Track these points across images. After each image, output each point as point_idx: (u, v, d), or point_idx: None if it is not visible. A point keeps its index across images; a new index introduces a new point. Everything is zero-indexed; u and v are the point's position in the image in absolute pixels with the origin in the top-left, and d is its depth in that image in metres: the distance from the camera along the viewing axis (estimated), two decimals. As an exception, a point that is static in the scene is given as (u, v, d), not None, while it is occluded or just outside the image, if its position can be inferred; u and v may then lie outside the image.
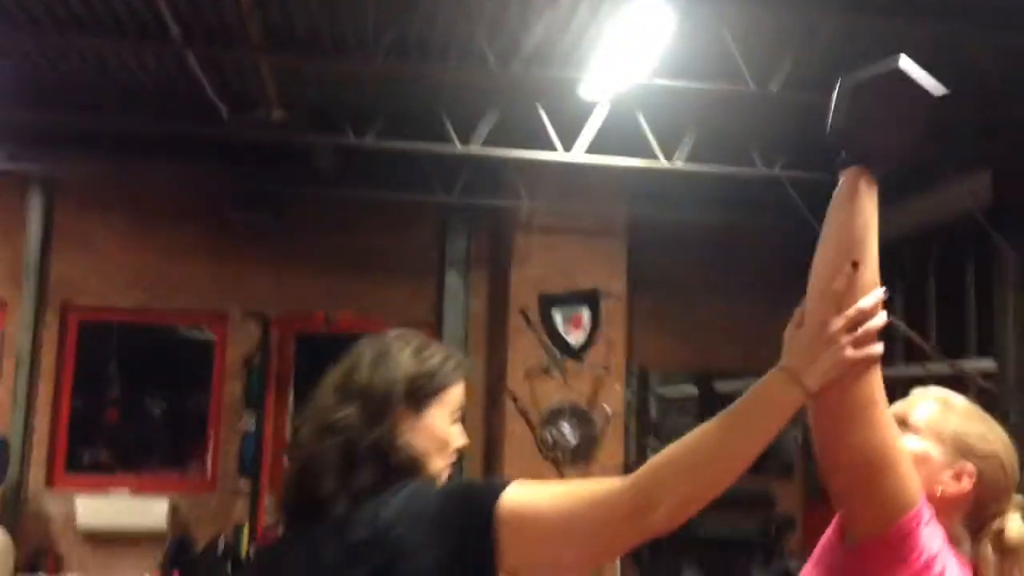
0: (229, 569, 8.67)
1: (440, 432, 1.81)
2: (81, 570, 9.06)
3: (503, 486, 1.62)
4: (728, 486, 1.55)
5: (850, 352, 1.51)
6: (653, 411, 10.21)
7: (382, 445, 1.73)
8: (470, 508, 1.62)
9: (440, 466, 1.80)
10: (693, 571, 9.04)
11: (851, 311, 1.53)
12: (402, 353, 1.86)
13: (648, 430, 9.97)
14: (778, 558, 8.60)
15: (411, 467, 1.73)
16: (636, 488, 1.52)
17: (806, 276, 1.66)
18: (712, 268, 9.86)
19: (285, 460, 2.40)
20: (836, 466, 1.60)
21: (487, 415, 9.60)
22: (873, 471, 1.55)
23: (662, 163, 7.83)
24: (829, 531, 1.79)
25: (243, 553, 8.67)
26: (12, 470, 8.96)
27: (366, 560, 1.60)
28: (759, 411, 1.56)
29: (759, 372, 1.67)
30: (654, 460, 1.55)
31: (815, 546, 1.79)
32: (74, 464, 9.63)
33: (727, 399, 1.73)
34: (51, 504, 9.29)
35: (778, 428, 1.54)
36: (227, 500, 9.51)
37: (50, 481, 9.42)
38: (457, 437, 1.87)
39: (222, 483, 9.58)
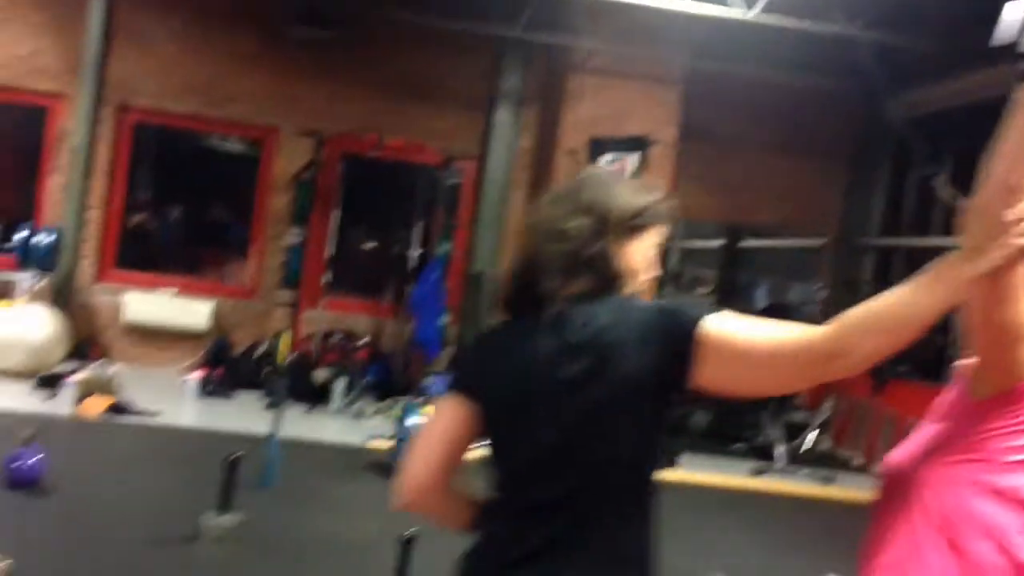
0: (265, 371, 9.05)
1: (646, 258, 1.99)
2: (124, 360, 9.49)
3: (711, 310, 1.82)
4: (905, 344, 1.76)
5: (1019, 242, 1.66)
6: (674, 261, 10.34)
7: (602, 256, 1.89)
8: (678, 324, 1.81)
9: (643, 287, 1.99)
10: (703, 416, 9.34)
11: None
12: (625, 185, 2.05)
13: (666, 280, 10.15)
14: (788, 409, 8.85)
15: (621, 282, 1.91)
16: (835, 335, 1.72)
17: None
18: (763, 127, 9.83)
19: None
20: (981, 334, 1.82)
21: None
22: (1009, 341, 1.77)
23: (735, 13, 7.71)
24: (950, 391, 2.01)
25: (279, 358, 9.04)
26: (64, 261, 9.29)
27: (581, 357, 1.80)
28: (937, 284, 1.72)
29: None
30: (853, 312, 1.74)
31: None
32: (123, 260, 9.97)
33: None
34: (100, 296, 9.68)
35: (952, 301, 1.72)
36: (266, 308, 9.87)
37: (100, 275, 9.78)
38: (656, 267, 2.05)
39: (263, 292, 9.92)
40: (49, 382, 7.77)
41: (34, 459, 5.00)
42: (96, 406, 7.10)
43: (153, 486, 5.55)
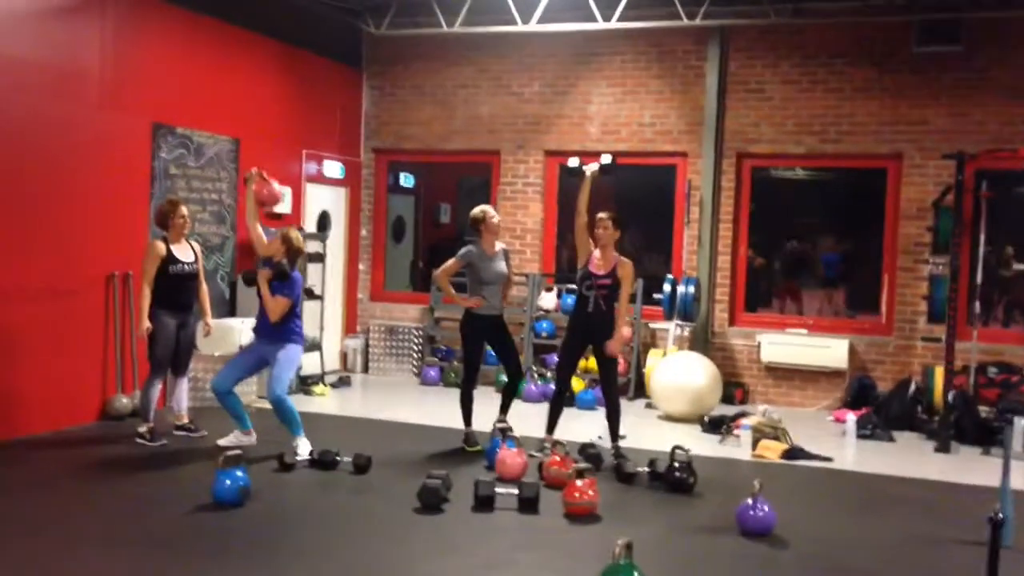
0: (920, 412, 8.61)
1: None
2: (764, 400, 9.69)
3: None
4: None
5: None
6: None
7: None
8: None
9: None
10: None
11: None
12: None
13: None
14: None
15: None
16: None
17: None
18: None
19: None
20: None
21: None
22: None
23: None
24: None
25: (935, 396, 8.55)
26: (702, 308, 9.80)
27: None
28: None
29: None
30: None
31: None
32: (751, 303, 10.26)
33: None
34: (735, 339, 10.03)
35: None
36: (905, 343, 9.44)
37: (733, 319, 10.15)
38: None
39: (899, 326, 9.51)
40: (715, 425, 8.14)
41: (766, 507, 5.15)
42: (772, 450, 7.24)
43: (879, 535, 5.42)
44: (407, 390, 10.00)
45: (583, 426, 7.94)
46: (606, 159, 7.05)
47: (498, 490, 5.56)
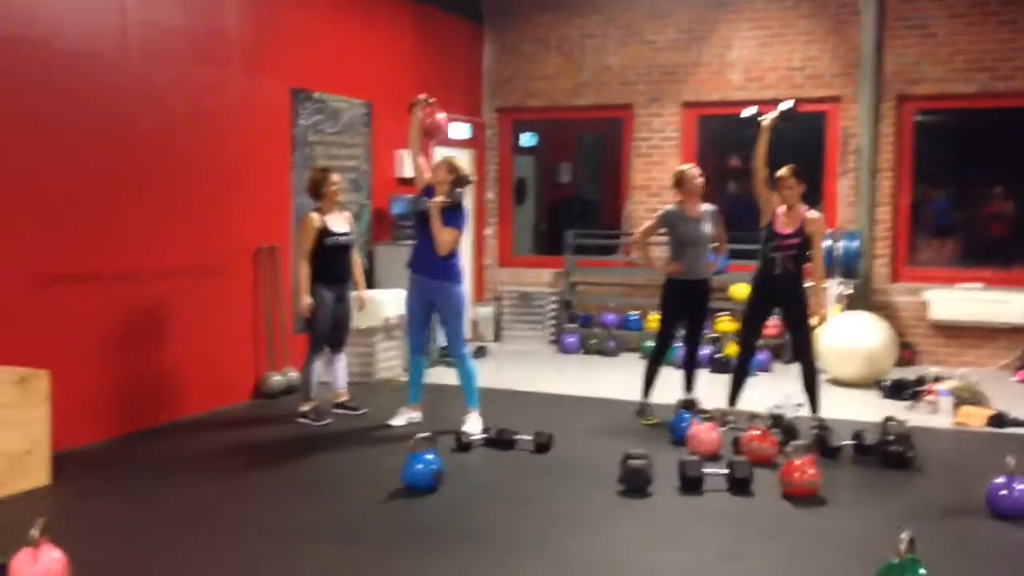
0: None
1: None
2: (934, 360, 9.04)
3: None
4: None
5: None
6: None
7: None
8: None
9: None
10: None
11: None
12: None
13: None
14: None
15: None
16: None
17: None
18: None
19: None
20: None
21: None
22: None
23: None
24: None
25: None
26: (863, 264, 9.14)
27: None
28: None
29: None
30: None
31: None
32: (915, 258, 9.56)
33: None
34: (899, 296, 9.36)
35: None
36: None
37: (896, 274, 9.46)
38: None
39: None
40: (896, 390, 7.55)
41: (1022, 486, 4.59)
42: (976, 417, 6.63)
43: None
44: (546, 359, 9.57)
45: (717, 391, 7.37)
46: (787, 104, 6.46)
47: (706, 470, 5.10)
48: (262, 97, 7.42)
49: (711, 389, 7.05)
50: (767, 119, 6.38)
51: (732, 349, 8.88)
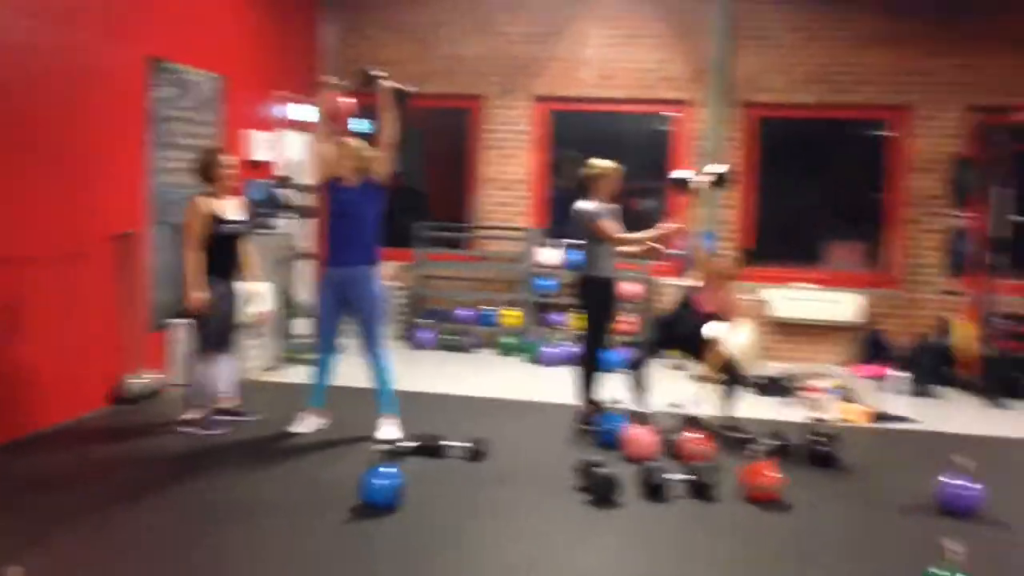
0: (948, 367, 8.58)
1: None
2: (776, 356, 9.47)
3: None
4: None
5: None
6: None
7: None
8: None
9: None
10: None
11: None
12: None
13: None
14: None
15: None
16: None
17: None
18: None
19: None
20: None
21: None
22: None
23: None
24: None
25: (967, 351, 8.53)
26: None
27: None
28: None
29: None
30: None
31: None
32: (759, 257, 9.96)
33: None
34: (739, 295, 9.71)
35: None
36: (915, 296, 9.41)
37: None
38: None
39: (910, 279, 9.46)
40: (771, 388, 7.80)
41: (971, 483, 4.82)
42: (859, 414, 6.97)
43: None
44: (402, 356, 9.11)
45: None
46: (721, 168, 6.50)
47: (669, 476, 4.99)
48: (115, 65, 6.53)
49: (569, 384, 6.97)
50: (698, 182, 6.41)
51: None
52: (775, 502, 4.89)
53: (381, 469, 4.57)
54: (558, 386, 7.30)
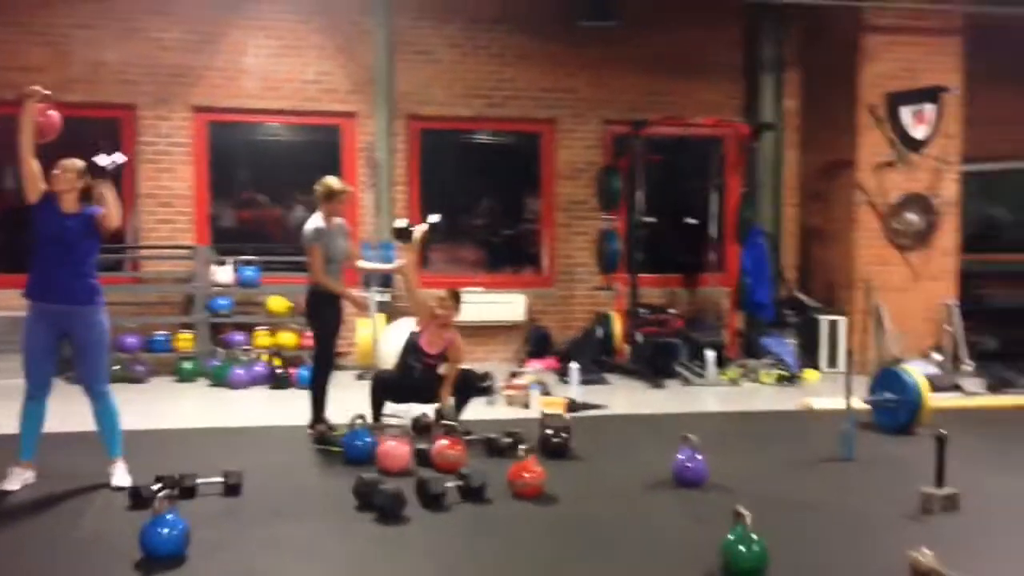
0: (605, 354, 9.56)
1: None
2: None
3: None
4: None
5: None
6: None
7: None
8: None
9: None
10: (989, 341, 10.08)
11: None
12: None
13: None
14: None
15: None
16: None
17: None
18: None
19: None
20: None
21: (807, 204, 10.52)
22: None
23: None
24: None
25: (618, 339, 9.56)
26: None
27: None
28: None
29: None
30: None
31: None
32: (430, 265, 10.35)
33: None
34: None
35: None
36: (567, 293, 10.35)
37: (411, 281, 10.13)
38: None
39: (561, 278, 10.38)
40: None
41: (698, 457, 5.51)
42: (555, 404, 7.55)
43: (746, 464, 6.04)
44: (63, 392, 8.24)
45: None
46: (435, 218, 6.82)
47: (448, 484, 5.12)
48: None
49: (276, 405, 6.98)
50: (418, 231, 6.62)
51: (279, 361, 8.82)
52: (541, 495, 5.24)
53: (167, 516, 4.23)
54: (259, 409, 7.20)
